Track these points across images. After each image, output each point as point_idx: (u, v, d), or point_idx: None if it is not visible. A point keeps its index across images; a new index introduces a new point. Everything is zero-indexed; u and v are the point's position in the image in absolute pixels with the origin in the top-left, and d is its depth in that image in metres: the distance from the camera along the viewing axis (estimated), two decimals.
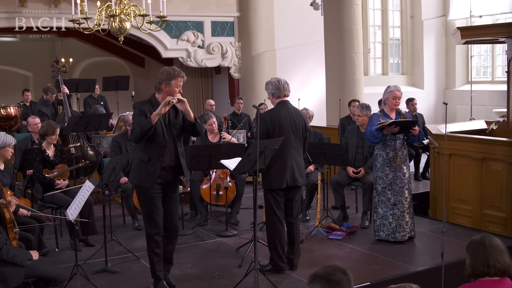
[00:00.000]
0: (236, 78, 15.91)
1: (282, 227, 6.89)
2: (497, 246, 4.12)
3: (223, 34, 15.58)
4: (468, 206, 8.98)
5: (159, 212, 6.26)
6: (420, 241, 8.15)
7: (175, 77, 6.03)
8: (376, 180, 8.02)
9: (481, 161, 8.71)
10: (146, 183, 6.15)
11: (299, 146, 6.88)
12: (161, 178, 6.18)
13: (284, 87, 6.83)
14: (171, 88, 6.02)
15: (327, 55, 13.63)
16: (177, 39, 14.90)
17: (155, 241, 6.31)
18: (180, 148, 6.25)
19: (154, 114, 5.92)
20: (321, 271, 3.19)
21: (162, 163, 6.12)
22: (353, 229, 8.57)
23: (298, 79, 15.84)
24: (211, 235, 8.58)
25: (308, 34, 16.13)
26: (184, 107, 6.05)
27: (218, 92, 16.96)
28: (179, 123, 6.20)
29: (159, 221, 6.27)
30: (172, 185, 6.34)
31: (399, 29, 19.09)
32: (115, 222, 9.22)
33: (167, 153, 6.15)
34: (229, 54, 15.64)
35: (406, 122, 7.70)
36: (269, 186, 6.80)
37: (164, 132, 6.09)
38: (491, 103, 16.53)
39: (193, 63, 15.25)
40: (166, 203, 6.33)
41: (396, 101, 7.85)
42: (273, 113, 6.80)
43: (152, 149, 6.11)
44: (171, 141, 6.16)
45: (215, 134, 9.59)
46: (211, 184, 9.11)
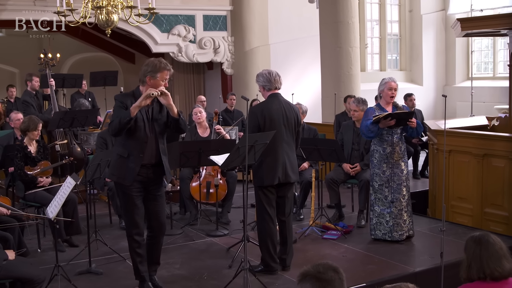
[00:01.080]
0: (229, 74, 15.81)
1: (274, 226, 6.77)
2: (495, 252, 3.95)
3: (215, 28, 15.46)
4: (469, 204, 8.90)
5: (139, 211, 6.11)
6: (419, 241, 8.05)
7: (161, 69, 5.86)
8: (373, 177, 7.90)
9: (482, 157, 8.61)
10: (125, 180, 5.99)
11: (291, 140, 6.76)
12: (141, 176, 6.02)
13: (275, 79, 6.69)
14: (156, 81, 5.85)
15: (323, 50, 13.55)
16: (167, 33, 14.77)
17: (136, 241, 6.17)
18: (162, 146, 6.08)
19: (133, 106, 5.77)
20: (311, 270, 3.10)
21: (142, 160, 5.95)
22: (348, 229, 8.47)
23: (292, 75, 15.76)
24: (200, 235, 8.47)
25: (303, 28, 16.07)
26: (167, 101, 5.89)
27: (211, 88, 16.85)
28: (162, 118, 6.03)
29: (139, 221, 6.12)
30: (155, 184, 6.17)
31: (397, 23, 19.08)
32: (102, 222, 9.13)
33: (148, 150, 5.98)
34: (222, 49, 15.52)
35: (402, 114, 7.59)
36: (260, 182, 6.67)
37: (146, 127, 5.93)
38: (492, 100, 16.51)
39: (185, 58, 15.14)
40: (151, 202, 6.18)
41: (391, 92, 7.72)
42: (264, 106, 6.68)
43: (132, 144, 5.95)
44: (153, 137, 6.00)
45: (204, 127, 9.46)
46: (200, 181, 8.95)
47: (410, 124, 7.59)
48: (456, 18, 9.56)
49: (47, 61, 11.46)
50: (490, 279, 3.90)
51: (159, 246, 6.41)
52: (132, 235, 6.15)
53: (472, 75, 17.63)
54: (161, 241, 6.40)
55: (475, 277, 3.95)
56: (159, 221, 6.26)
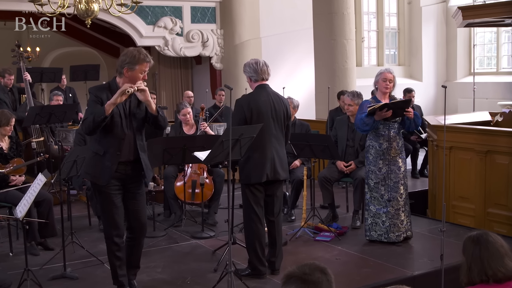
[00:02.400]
0: (218, 69, 15.72)
1: (262, 226, 6.61)
2: (496, 250, 3.79)
3: (203, 20, 15.38)
4: (471, 204, 8.82)
5: (119, 211, 5.91)
6: (418, 242, 7.94)
7: (140, 61, 5.63)
8: (368, 175, 7.77)
9: (484, 154, 8.53)
10: (100, 179, 5.79)
11: (280, 135, 6.60)
12: (119, 173, 5.82)
13: (262, 69, 6.53)
14: (134, 74, 5.64)
15: (316, 42, 13.47)
16: (153, 25, 14.67)
17: (115, 244, 5.96)
18: (141, 142, 5.88)
19: (108, 104, 5.55)
20: (297, 271, 2.95)
21: (119, 158, 5.75)
22: (342, 230, 8.34)
23: (285, 70, 15.71)
24: (185, 237, 8.31)
25: (296, 21, 16.00)
26: (145, 97, 5.69)
27: (199, 84, 16.74)
28: (141, 113, 5.83)
29: (119, 221, 5.93)
30: (135, 181, 5.97)
31: (396, 16, 19.12)
32: (80, 224, 8.98)
33: (125, 147, 5.77)
34: (211, 42, 15.44)
35: (398, 102, 7.51)
36: (246, 180, 6.51)
37: (122, 123, 5.73)
38: (495, 96, 16.54)
39: (171, 52, 15.04)
40: (130, 201, 5.98)
41: (387, 83, 7.60)
42: (250, 98, 6.51)
43: (108, 141, 5.74)
44: (130, 133, 5.79)
45: (191, 125, 9.31)
46: (185, 180, 8.78)
47: (407, 115, 7.47)
48: (457, 7, 9.48)
49: (20, 54, 11.26)
50: (493, 281, 3.76)
51: (140, 248, 6.22)
52: (111, 237, 5.95)
53: (475, 70, 17.61)
54: (141, 243, 6.22)
55: (477, 280, 3.81)
56: (140, 221, 6.06)
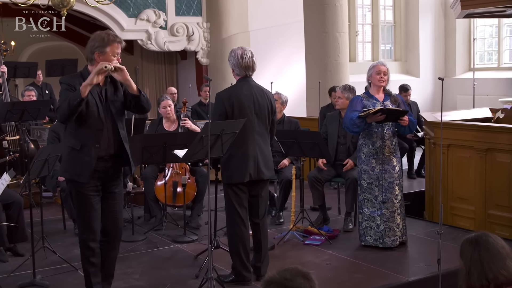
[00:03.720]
0: (204, 64, 15.66)
1: (246, 229, 6.48)
2: (497, 252, 3.65)
3: (189, 13, 15.30)
4: (470, 206, 8.76)
5: (96, 213, 5.72)
6: (414, 246, 7.85)
7: (110, 42, 5.49)
8: (361, 175, 7.65)
9: (485, 152, 8.46)
10: (81, 176, 5.58)
11: (264, 131, 6.46)
12: (99, 171, 5.63)
13: (247, 65, 6.36)
14: (107, 57, 5.48)
15: (307, 35, 13.41)
16: (135, 18, 14.57)
17: (90, 249, 5.77)
18: (122, 131, 5.70)
19: (83, 85, 5.34)
20: (277, 276, 2.88)
21: (98, 151, 5.57)
22: (334, 233, 8.25)
23: (275, 65, 15.65)
24: (166, 241, 8.18)
25: (287, 13, 15.93)
26: (123, 76, 5.49)
27: (184, 80, 16.68)
28: (119, 100, 5.65)
29: (96, 225, 5.73)
30: (114, 179, 5.80)
31: (391, 9, 19.10)
32: (55, 228, 8.85)
33: (105, 138, 5.59)
34: (196, 36, 15.37)
35: (394, 111, 7.37)
36: (228, 179, 6.37)
37: (99, 111, 5.53)
38: (496, 93, 16.56)
39: (155, 46, 14.94)
40: (106, 201, 5.80)
41: (381, 76, 7.49)
42: (232, 91, 6.37)
43: (85, 133, 5.54)
44: (109, 123, 5.60)
45: (172, 121, 9.17)
46: (166, 181, 8.62)
47: (401, 123, 7.40)
48: None
49: None
50: (494, 286, 3.62)
51: (114, 254, 6.03)
52: (86, 242, 5.75)
53: (474, 66, 17.58)
54: (116, 247, 6.03)
55: (477, 285, 3.68)
56: (116, 224, 5.89)
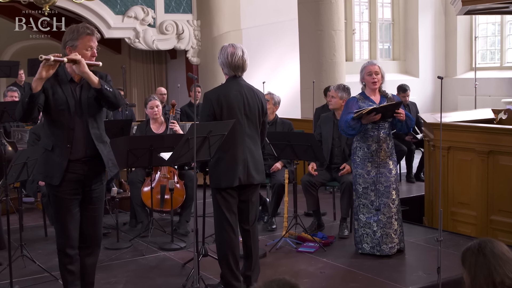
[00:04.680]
0: (195, 64, 15.65)
1: (235, 236, 6.37)
2: (503, 254, 3.54)
3: (178, 10, 15.30)
4: (472, 211, 8.72)
5: (74, 218, 5.60)
6: (412, 254, 7.77)
7: (81, 34, 5.32)
8: (356, 179, 7.58)
9: (487, 155, 8.41)
10: (53, 178, 5.47)
11: (255, 134, 6.36)
12: (76, 173, 5.50)
13: (236, 65, 6.26)
14: (78, 51, 5.30)
15: (301, 33, 13.35)
16: (122, 15, 14.56)
17: (68, 256, 5.66)
18: (97, 131, 5.54)
19: (34, 80, 5.17)
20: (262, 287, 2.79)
21: (70, 152, 5.43)
22: (328, 240, 8.18)
23: (268, 65, 15.65)
24: (152, 249, 8.09)
25: (281, 11, 15.94)
26: (80, 69, 5.26)
27: (174, 80, 16.60)
28: (93, 96, 5.48)
29: (73, 231, 5.62)
30: (94, 182, 5.67)
31: (390, 7, 19.12)
32: (35, 235, 8.76)
33: (77, 138, 5.44)
34: (186, 34, 15.37)
35: (388, 106, 7.29)
36: (217, 184, 6.26)
37: (70, 110, 5.39)
38: (499, 93, 16.59)
39: (143, 45, 14.91)
40: (85, 205, 5.68)
41: (373, 77, 7.43)
42: (220, 91, 6.25)
43: (56, 133, 5.43)
44: (81, 121, 5.45)
45: (160, 123, 9.10)
46: (153, 186, 8.52)
47: (398, 117, 7.28)
48: None
49: None
50: None
51: (94, 260, 5.91)
52: (63, 249, 5.64)
53: (476, 65, 17.53)
54: (96, 254, 5.92)
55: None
56: (95, 229, 5.77)
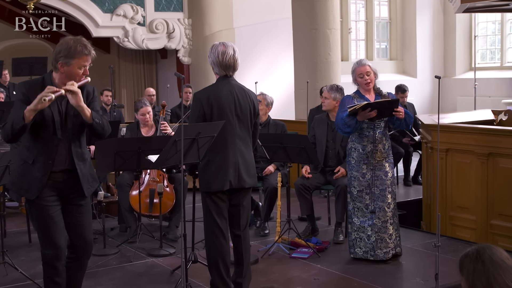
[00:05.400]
0: (186, 63, 15.64)
1: (226, 242, 6.32)
2: (502, 262, 3.48)
3: (169, 8, 15.28)
4: (471, 215, 8.68)
5: (57, 226, 5.49)
6: (409, 260, 7.75)
7: (77, 54, 5.22)
8: (351, 182, 7.55)
9: (486, 157, 8.37)
10: (28, 192, 5.40)
11: (246, 135, 6.31)
12: (54, 181, 5.42)
13: (227, 64, 6.22)
14: (71, 69, 5.23)
15: (296, 32, 13.31)
16: (111, 14, 14.53)
17: (53, 267, 5.54)
18: (78, 149, 5.46)
19: (27, 110, 5.11)
20: None
21: (51, 167, 5.36)
22: (323, 245, 8.15)
23: (262, 64, 15.68)
24: (141, 255, 8.05)
25: (274, 9, 15.94)
26: (76, 101, 5.23)
27: (164, 80, 16.55)
28: (79, 115, 5.38)
29: (58, 239, 5.51)
30: (76, 190, 5.57)
31: (387, 5, 19.12)
32: (19, 241, 8.70)
33: (60, 154, 5.37)
34: (177, 33, 15.36)
35: (384, 102, 7.25)
36: (206, 188, 6.20)
37: (56, 126, 5.31)
38: (499, 94, 16.62)
39: (132, 44, 14.88)
40: (72, 214, 5.60)
41: (364, 78, 7.42)
42: (211, 91, 6.21)
43: (39, 148, 5.34)
44: (65, 138, 5.37)
45: (150, 126, 9.07)
46: (141, 189, 8.48)
47: (397, 115, 7.24)
48: None
49: None
50: None
51: (82, 271, 5.83)
52: (48, 259, 5.53)
53: (476, 65, 17.51)
54: (84, 264, 5.83)
55: None
56: (84, 239, 5.68)
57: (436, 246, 5.84)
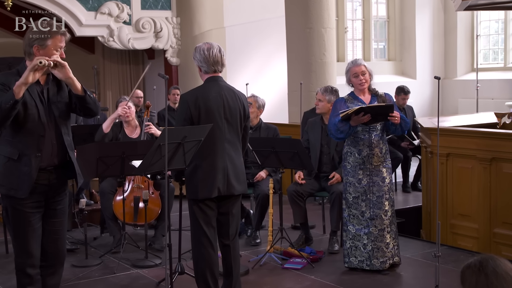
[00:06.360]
0: (174, 64, 15.52)
1: (214, 252, 6.30)
2: (507, 274, 3.43)
3: (156, 6, 15.14)
4: (473, 223, 8.70)
5: (35, 234, 5.47)
6: (408, 270, 7.71)
7: (52, 34, 5.26)
8: (346, 188, 7.52)
9: (489, 162, 8.37)
10: (19, 191, 5.33)
11: (235, 139, 6.29)
12: (42, 185, 5.38)
13: (215, 59, 6.23)
14: (47, 51, 5.24)
15: (289, 32, 13.24)
16: (95, 12, 14.35)
17: (28, 276, 5.51)
18: (68, 138, 5.48)
19: (17, 85, 5.07)
20: None
21: (40, 161, 5.31)
22: (317, 255, 8.11)
23: (254, 65, 15.62)
24: (124, 266, 7.99)
25: (267, 7, 15.85)
26: (64, 73, 5.25)
27: (152, 81, 16.39)
28: (63, 101, 5.42)
29: (34, 248, 5.48)
30: (58, 193, 5.56)
31: (385, 3, 19.12)
32: None
33: (47, 146, 5.35)
34: (165, 32, 15.21)
35: (377, 107, 7.19)
36: (193, 195, 6.18)
37: (40, 114, 5.29)
38: (502, 96, 16.62)
39: (118, 44, 14.74)
40: (47, 219, 5.56)
41: (359, 79, 7.38)
42: (198, 93, 6.22)
43: (24, 140, 5.30)
44: (51, 127, 5.36)
45: (134, 126, 9.03)
46: (125, 197, 8.43)
47: (392, 120, 7.19)
48: None
49: None
50: None
51: (57, 280, 5.78)
52: (23, 267, 5.50)
53: (478, 66, 17.52)
54: (59, 272, 5.79)
55: None
56: (57, 246, 5.65)
57: (436, 256, 5.83)
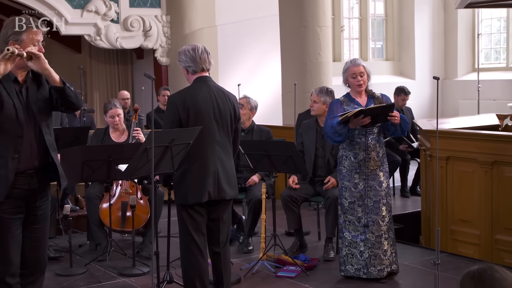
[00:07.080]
0: (164, 64, 15.57)
1: (204, 260, 6.28)
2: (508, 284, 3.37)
3: (145, 4, 15.22)
4: (474, 229, 8.68)
5: (16, 241, 5.39)
6: (407, 278, 7.67)
7: (27, 28, 5.17)
8: (342, 193, 7.47)
9: (491, 166, 8.35)
10: None
11: (226, 141, 6.28)
12: (20, 189, 5.30)
13: (201, 57, 6.23)
14: (24, 46, 5.12)
15: (283, 30, 13.23)
16: (81, 9, 14.41)
17: (7, 285, 5.44)
18: (49, 137, 5.38)
19: None
20: None
21: (18, 163, 5.24)
22: (312, 263, 8.06)
23: (246, 65, 15.67)
24: (111, 274, 7.95)
25: (260, 5, 15.93)
26: (40, 65, 5.12)
27: (140, 82, 16.44)
28: (43, 98, 5.34)
29: (14, 256, 5.40)
30: (39, 198, 5.48)
31: (383, 1, 19.19)
32: None
33: (26, 147, 5.25)
34: (154, 31, 15.28)
35: (378, 108, 7.17)
36: (183, 200, 6.16)
37: (18, 114, 5.20)
38: (504, 97, 16.71)
39: (105, 43, 14.79)
40: (28, 225, 5.47)
41: (357, 80, 7.34)
42: (187, 94, 6.18)
43: (0, 142, 5.22)
44: (30, 128, 5.26)
45: (122, 131, 9.01)
46: (112, 202, 8.40)
47: (392, 120, 7.14)
48: None
49: None
50: None
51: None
52: (2, 277, 5.41)
53: (479, 66, 17.52)
54: (39, 280, 5.71)
55: None
56: (38, 253, 5.57)
57: (435, 263, 5.81)
